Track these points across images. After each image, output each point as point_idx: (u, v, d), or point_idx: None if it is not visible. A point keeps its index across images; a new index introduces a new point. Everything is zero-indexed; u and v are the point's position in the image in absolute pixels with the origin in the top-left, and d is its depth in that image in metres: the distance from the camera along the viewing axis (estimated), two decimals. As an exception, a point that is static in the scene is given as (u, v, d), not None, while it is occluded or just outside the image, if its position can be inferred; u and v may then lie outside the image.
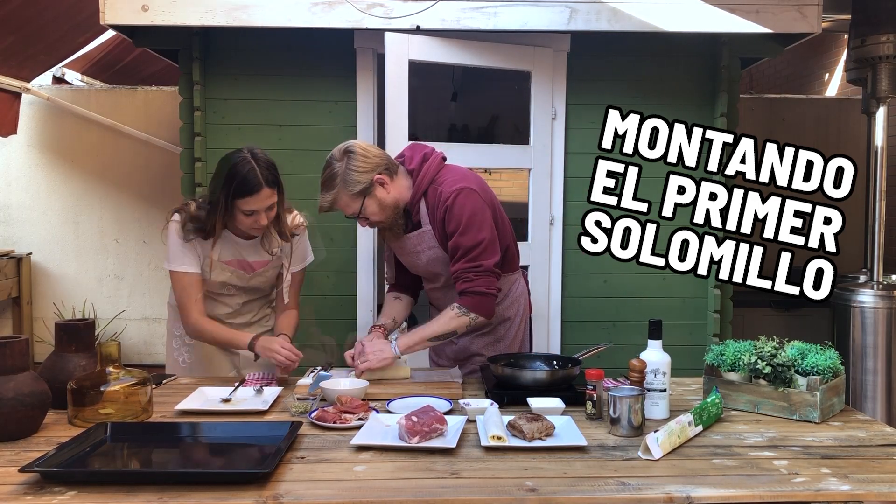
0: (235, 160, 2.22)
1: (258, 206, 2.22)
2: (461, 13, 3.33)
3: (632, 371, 1.91)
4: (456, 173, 2.31)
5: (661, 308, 3.65)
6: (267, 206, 2.25)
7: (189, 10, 3.28)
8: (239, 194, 2.20)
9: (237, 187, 2.19)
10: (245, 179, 2.19)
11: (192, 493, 1.39)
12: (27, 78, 5.07)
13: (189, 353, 2.51)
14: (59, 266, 5.39)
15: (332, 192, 2.22)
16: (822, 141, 5.35)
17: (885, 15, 3.76)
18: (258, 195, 2.21)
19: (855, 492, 1.44)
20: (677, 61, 3.67)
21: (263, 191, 2.21)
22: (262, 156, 2.25)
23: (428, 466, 1.55)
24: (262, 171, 2.21)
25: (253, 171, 2.20)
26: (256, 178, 2.19)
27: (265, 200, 2.23)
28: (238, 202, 2.21)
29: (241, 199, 2.20)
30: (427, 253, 2.35)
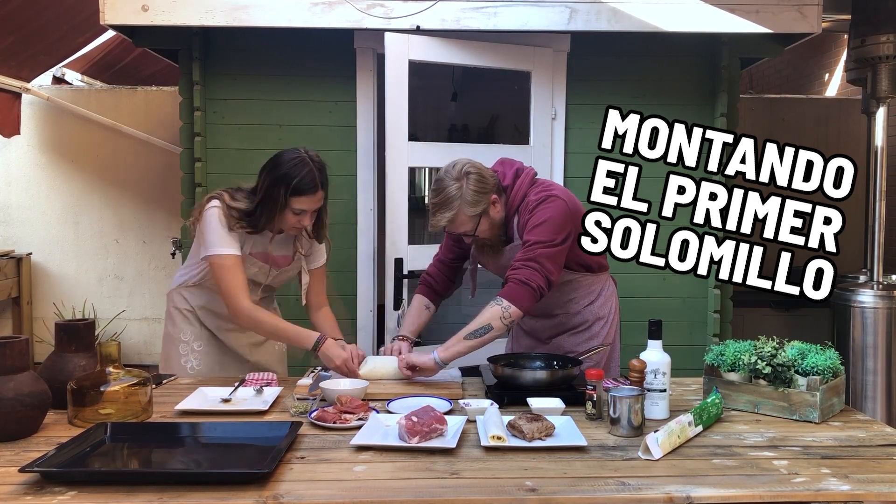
0: (294, 159, 2.25)
1: (309, 207, 2.26)
2: (461, 13, 3.33)
3: (632, 371, 1.91)
4: (547, 185, 2.36)
5: (661, 308, 3.65)
6: (316, 207, 2.29)
7: (189, 10, 3.28)
8: (296, 192, 2.22)
9: (296, 185, 2.21)
10: (303, 179, 2.22)
11: (192, 493, 1.39)
12: (27, 78, 5.07)
13: (198, 359, 2.46)
14: (59, 266, 5.39)
15: (451, 212, 2.23)
16: (822, 141, 5.35)
17: (885, 15, 3.76)
18: (313, 196, 2.25)
19: (855, 492, 1.44)
20: (677, 61, 3.67)
21: (318, 192, 2.26)
22: (315, 157, 2.30)
23: (428, 466, 1.55)
24: (318, 173, 2.25)
25: (311, 172, 2.24)
26: (314, 178, 2.23)
27: (317, 202, 2.28)
28: (292, 199, 2.23)
29: (296, 197, 2.23)
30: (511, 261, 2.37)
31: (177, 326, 2.48)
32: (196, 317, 2.48)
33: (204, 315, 2.47)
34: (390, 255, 3.30)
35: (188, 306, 2.48)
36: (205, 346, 2.48)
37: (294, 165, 2.24)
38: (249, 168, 3.56)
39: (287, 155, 2.28)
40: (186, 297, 2.48)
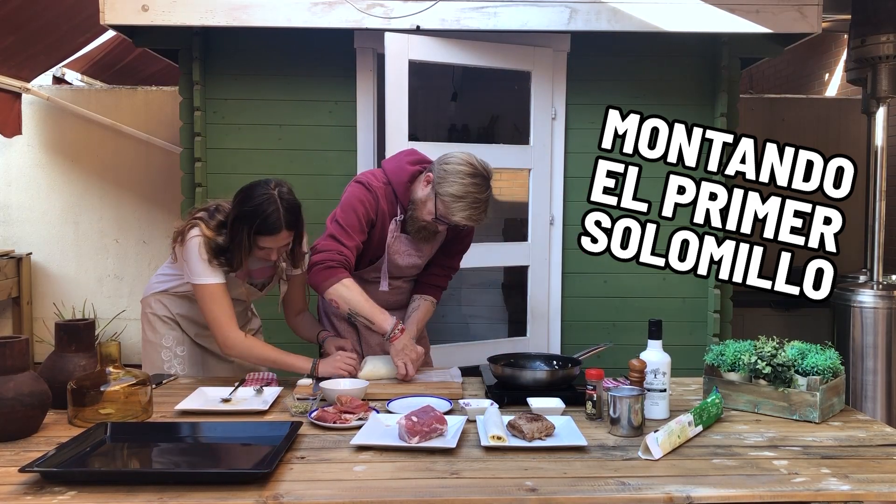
0: (262, 196, 2.20)
1: (274, 245, 2.25)
2: (461, 13, 3.33)
3: (632, 371, 1.91)
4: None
5: (661, 308, 3.65)
6: (281, 245, 2.27)
7: (189, 10, 3.28)
8: (259, 232, 2.21)
9: (259, 225, 2.19)
10: (268, 219, 2.18)
11: (192, 493, 1.39)
12: (27, 78, 5.07)
13: (182, 364, 2.46)
14: (59, 266, 5.39)
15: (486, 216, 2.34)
16: (822, 141, 5.35)
17: (885, 15, 3.76)
18: (276, 236, 2.22)
19: (855, 492, 1.44)
20: (677, 61, 3.67)
21: (282, 233, 2.22)
22: (287, 196, 2.23)
23: (428, 466, 1.55)
24: (284, 213, 2.20)
25: (276, 212, 2.19)
26: (278, 219, 2.19)
27: (281, 241, 2.25)
28: (257, 238, 2.22)
29: (259, 236, 2.22)
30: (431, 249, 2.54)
31: (157, 332, 2.46)
32: (176, 323, 2.47)
33: (184, 323, 2.47)
34: (390, 255, 3.29)
35: (168, 313, 2.46)
36: (187, 350, 2.47)
37: (260, 204, 2.19)
38: (249, 168, 3.59)
39: (257, 191, 2.22)
40: (166, 304, 2.47)
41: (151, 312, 2.47)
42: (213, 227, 2.28)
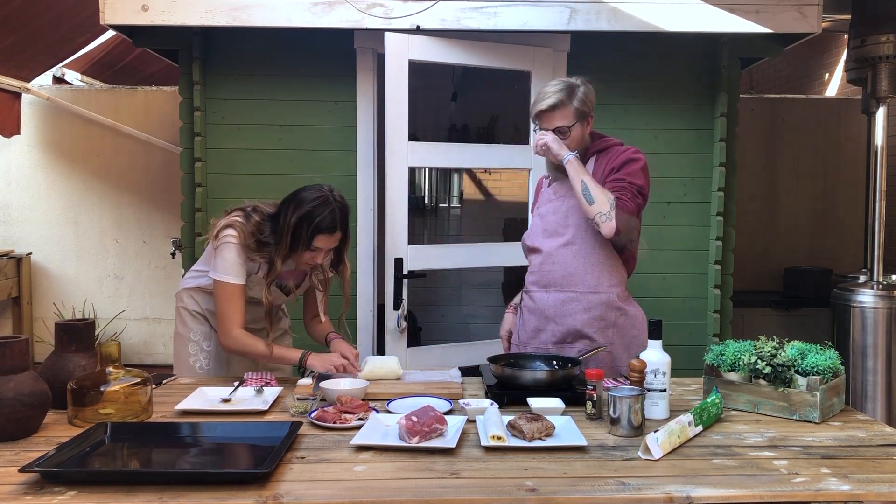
0: (318, 198, 2.28)
1: (326, 246, 2.31)
2: (461, 13, 3.33)
3: (632, 371, 1.91)
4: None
5: (661, 308, 3.65)
6: (331, 247, 2.34)
7: (189, 10, 3.28)
8: (317, 231, 2.26)
9: (318, 224, 2.25)
10: (325, 218, 2.26)
11: (192, 493, 1.39)
12: (27, 78, 5.07)
13: (207, 359, 2.50)
14: (59, 266, 5.40)
15: (564, 96, 2.38)
16: (822, 141, 5.36)
17: (885, 15, 3.76)
18: (332, 236, 2.30)
19: (855, 492, 1.44)
20: (677, 61, 3.67)
21: (337, 233, 2.30)
22: (339, 197, 2.32)
23: (428, 466, 1.55)
24: (339, 213, 2.29)
25: (333, 212, 2.27)
26: (335, 218, 2.27)
27: (333, 242, 2.33)
28: (314, 237, 2.27)
29: (317, 235, 2.27)
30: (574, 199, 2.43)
31: (187, 326, 2.52)
32: (206, 318, 2.51)
33: (214, 319, 2.48)
34: (390, 255, 3.30)
35: (198, 308, 2.50)
36: (214, 345, 2.50)
37: (318, 205, 2.27)
38: (249, 168, 3.60)
39: (311, 192, 2.30)
40: (197, 299, 2.51)
41: (183, 306, 2.53)
42: (250, 228, 2.33)
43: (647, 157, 3.66)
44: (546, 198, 2.57)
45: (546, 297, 2.46)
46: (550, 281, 2.46)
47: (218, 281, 2.33)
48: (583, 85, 2.43)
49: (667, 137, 3.69)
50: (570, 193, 2.45)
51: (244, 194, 3.58)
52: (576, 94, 2.40)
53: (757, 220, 5.26)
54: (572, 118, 2.40)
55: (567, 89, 2.40)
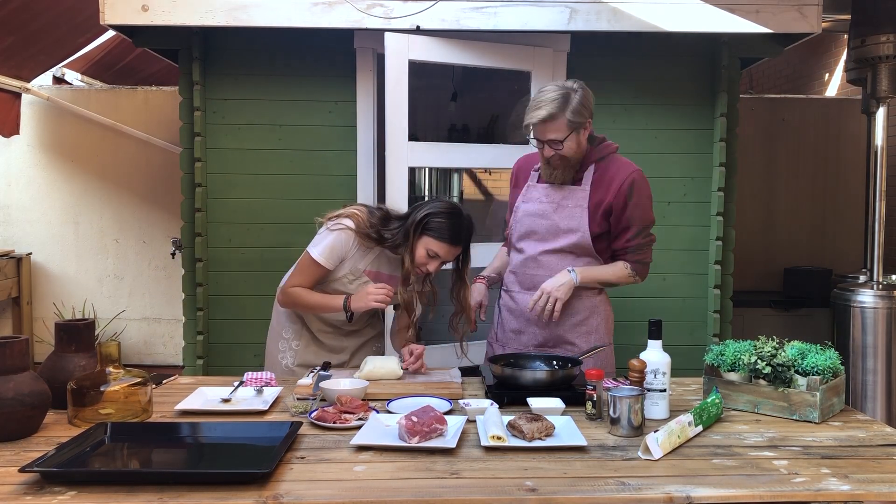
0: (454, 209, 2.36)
1: (443, 254, 2.33)
2: (461, 13, 3.33)
3: (632, 371, 1.91)
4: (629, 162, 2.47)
5: (661, 308, 3.65)
6: (447, 259, 2.36)
7: (189, 10, 3.28)
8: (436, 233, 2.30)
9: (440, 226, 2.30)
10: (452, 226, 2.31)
11: (192, 493, 1.39)
12: (27, 78, 5.07)
13: (293, 356, 2.52)
14: (59, 266, 5.39)
15: (555, 109, 2.28)
16: (822, 141, 5.35)
17: (885, 15, 3.76)
18: (451, 247, 2.33)
19: (855, 492, 1.44)
20: (677, 61, 3.67)
21: (458, 247, 2.35)
22: (468, 219, 2.38)
23: (428, 466, 1.55)
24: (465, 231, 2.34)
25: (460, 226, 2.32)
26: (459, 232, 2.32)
27: (450, 255, 2.35)
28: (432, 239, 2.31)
29: (434, 239, 2.31)
30: (570, 210, 2.42)
31: (280, 322, 2.56)
32: (299, 316, 2.53)
33: (308, 317, 2.52)
34: (390, 255, 3.29)
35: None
36: (303, 345, 2.52)
37: (450, 212, 2.34)
38: (249, 168, 3.60)
39: (446, 204, 2.38)
40: None
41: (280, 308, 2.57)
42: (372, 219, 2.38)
43: (646, 158, 3.68)
44: (535, 194, 2.50)
45: (528, 298, 2.44)
46: (534, 284, 2.43)
47: (307, 252, 2.39)
48: (579, 90, 2.32)
49: (667, 137, 3.69)
50: (560, 200, 2.42)
51: (244, 194, 3.59)
52: (569, 105, 2.29)
53: (757, 220, 5.26)
54: (566, 130, 2.30)
55: (560, 100, 2.29)
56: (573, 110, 2.29)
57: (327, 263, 2.38)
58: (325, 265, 2.38)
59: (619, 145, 2.52)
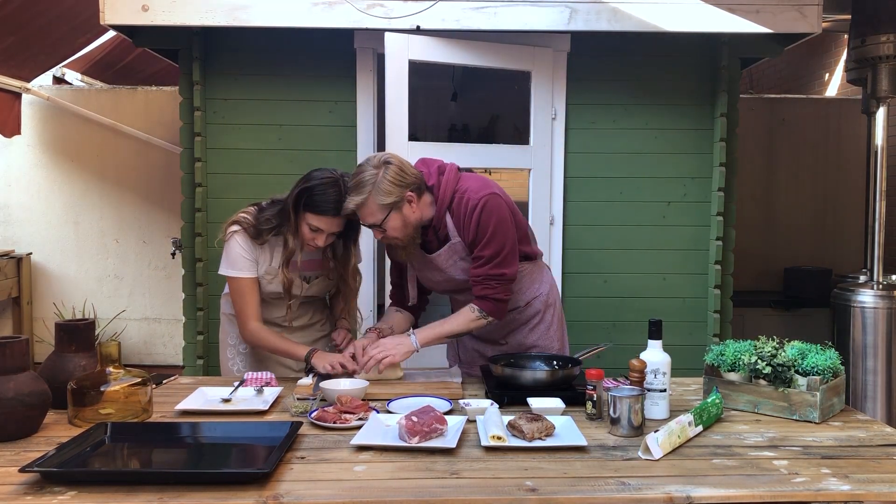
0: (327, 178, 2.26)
1: (325, 228, 2.28)
2: (461, 13, 3.33)
3: (632, 371, 1.91)
4: (476, 180, 2.30)
5: (661, 308, 3.65)
6: (332, 230, 2.30)
7: (189, 10, 3.28)
8: (312, 207, 2.25)
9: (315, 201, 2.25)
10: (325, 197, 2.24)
11: (192, 493, 1.39)
12: (27, 78, 5.07)
13: (244, 361, 2.51)
14: (59, 266, 5.40)
15: (361, 196, 2.17)
16: (822, 141, 5.36)
17: (885, 15, 3.76)
18: (330, 219, 2.27)
19: (855, 492, 1.44)
20: (677, 61, 3.67)
21: (336, 218, 2.27)
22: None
23: (428, 466, 1.55)
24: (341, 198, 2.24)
25: (337, 194, 2.24)
26: (336, 202, 2.24)
27: (333, 226, 2.29)
28: (307, 215, 2.26)
29: (311, 213, 2.26)
30: (459, 264, 2.32)
31: (225, 330, 2.56)
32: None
33: None
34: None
35: (232, 311, 2.49)
36: (249, 348, 2.50)
37: (322, 183, 2.26)
38: (249, 168, 3.59)
39: (320, 173, 2.29)
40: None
41: (222, 311, 2.58)
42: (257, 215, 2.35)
43: (646, 158, 3.66)
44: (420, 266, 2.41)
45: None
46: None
47: (227, 277, 2.38)
48: (385, 167, 2.16)
49: (667, 137, 3.69)
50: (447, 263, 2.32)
51: (244, 194, 3.59)
52: (375, 187, 2.14)
53: (757, 220, 5.26)
54: (381, 213, 2.18)
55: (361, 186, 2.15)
56: (382, 192, 2.15)
57: (243, 272, 2.34)
58: (242, 275, 2.34)
59: (620, 145, 2.50)
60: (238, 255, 2.34)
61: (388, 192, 2.16)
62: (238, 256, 2.34)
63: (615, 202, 3.69)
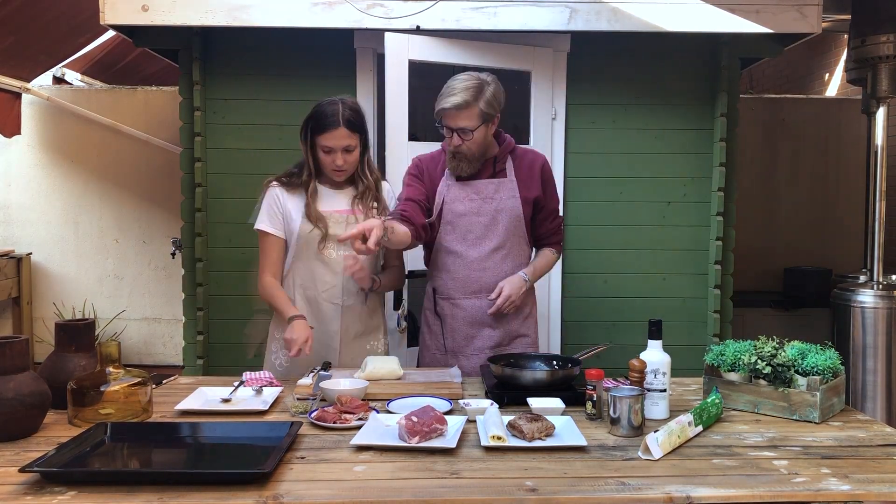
0: (326, 102, 2.41)
1: (335, 144, 2.36)
2: (461, 13, 3.33)
3: (632, 371, 1.91)
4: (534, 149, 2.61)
5: (661, 308, 3.65)
6: (343, 145, 2.37)
7: (189, 10, 3.28)
8: (319, 129, 2.36)
9: (319, 122, 2.36)
10: (326, 114, 2.36)
11: (192, 493, 1.39)
12: (27, 78, 5.07)
13: (287, 357, 2.49)
14: (59, 266, 5.39)
15: (470, 97, 2.29)
16: (822, 141, 5.36)
17: (885, 15, 3.76)
18: (335, 132, 2.35)
19: (855, 492, 1.44)
20: (677, 61, 3.67)
21: (341, 129, 2.35)
22: (350, 102, 2.43)
23: (428, 466, 1.55)
24: (343, 110, 2.37)
25: (335, 111, 2.35)
26: (336, 114, 2.35)
27: (341, 139, 2.36)
28: (318, 138, 2.36)
29: (319, 134, 2.36)
30: (505, 202, 2.44)
31: (273, 324, 2.59)
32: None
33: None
34: (390, 255, 3.29)
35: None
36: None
37: (320, 106, 2.40)
38: (249, 168, 3.59)
39: (322, 99, 2.44)
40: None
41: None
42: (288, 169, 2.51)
43: (646, 158, 3.69)
44: (461, 193, 2.46)
45: (477, 303, 2.47)
46: (481, 287, 2.46)
47: (257, 229, 2.48)
48: (493, 84, 2.34)
49: (667, 137, 3.69)
50: (493, 194, 2.44)
51: (244, 194, 3.58)
52: (483, 95, 2.30)
53: (757, 220, 5.26)
54: (477, 120, 2.31)
55: (475, 89, 2.30)
56: (486, 101, 2.31)
57: (271, 228, 2.45)
58: (270, 231, 2.46)
59: (620, 145, 2.56)
60: (266, 210, 2.46)
61: (490, 104, 2.32)
62: (266, 211, 2.46)
63: (615, 202, 3.69)
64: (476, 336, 2.49)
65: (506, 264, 2.47)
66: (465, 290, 2.49)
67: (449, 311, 2.53)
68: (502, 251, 2.47)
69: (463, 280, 2.48)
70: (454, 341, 2.53)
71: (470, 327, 2.51)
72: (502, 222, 2.45)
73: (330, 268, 2.47)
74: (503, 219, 2.44)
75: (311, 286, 2.49)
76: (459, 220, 2.46)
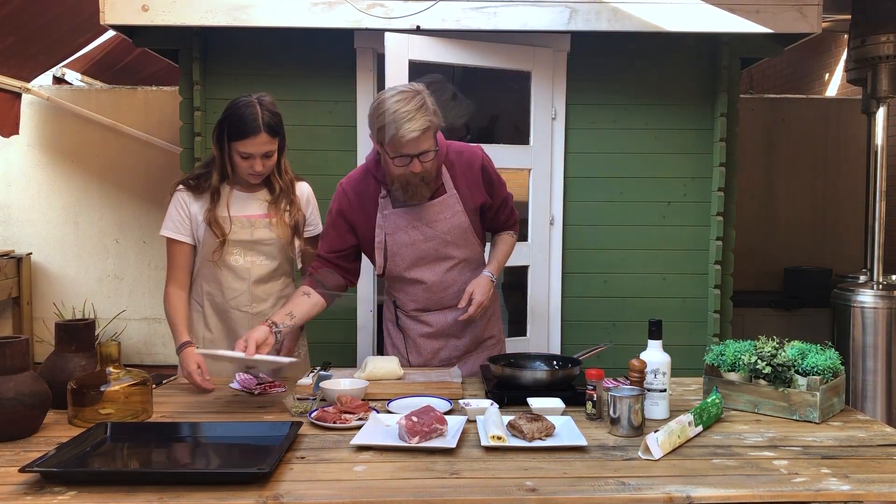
0: (241, 103, 2.25)
1: (254, 150, 2.24)
2: (461, 13, 3.33)
3: (632, 371, 1.91)
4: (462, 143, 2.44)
5: (661, 308, 3.65)
6: (263, 151, 2.26)
7: (189, 10, 3.28)
8: (236, 135, 2.23)
9: (236, 128, 2.23)
10: (245, 121, 2.22)
11: (192, 493, 1.39)
12: (27, 78, 5.07)
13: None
14: (59, 266, 5.39)
15: (427, 117, 2.07)
16: (822, 141, 5.36)
17: (885, 15, 3.76)
18: (255, 139, 2.23)
19: (855, 492, 1.44)
20: (677, 61, 3.67)
21: (261, 135, 2.23)
22: (267, 102, 2.28)
23: (428, 466, 1.55)
24: (263, 114, 2.23)
25: (255, 115, 2.22)
26: (255, 119, 2.22)
27: (262, 146, 2.25)
28: (235, 144, 2.24)
29: (237, 141, 2.23)
30: (450, 220, 2.29)
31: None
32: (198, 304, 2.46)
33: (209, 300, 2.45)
34: (390, 255, 3.29)
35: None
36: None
37: (239, 107, 2.24)
38: (249, 168, 3.59)
39: (238, 99, 2.27)
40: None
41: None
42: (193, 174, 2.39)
43: (646, 158, 3.69)
44: (397, 224, 2.29)
45: (442, 317, 2.41)
46: (444, 303, 2.39)
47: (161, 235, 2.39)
48: (424, 90, 2.12)
49: (667, 137, 3.69)
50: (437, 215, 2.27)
51: (244, 194, 3.59)
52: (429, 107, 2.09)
53: (757, 220, 5.26)
54: (434, 138, 2.15)
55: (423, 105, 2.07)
56: (434, 112, 2.11)
57: (175, 234, 2.35)
58: (175, 237, 2.35)
59: (620, 145, 2.54)
60: (171, 216, 2.35)
61: (436, 114, 2.13)
62: (170, 217, 2.36)
63: (615, 202, 3.69)
64: (442, 348, 2.44)
65: (465, 274, 2.37)
66: (427, 308, 2.41)
67: (414, 328, 2.44)
68: (459, 265, 2.37)
69: (425, 301, 2.40)
70: (420, 356, 2.45)
71: (435, 340, 2.44)
72: (452, 241, 2.32)
73: (237, 274, 2.37)
74: (453, 237, 2.31)
75: (218, 293, 2.39)
76: (407, 250, 2.32)
